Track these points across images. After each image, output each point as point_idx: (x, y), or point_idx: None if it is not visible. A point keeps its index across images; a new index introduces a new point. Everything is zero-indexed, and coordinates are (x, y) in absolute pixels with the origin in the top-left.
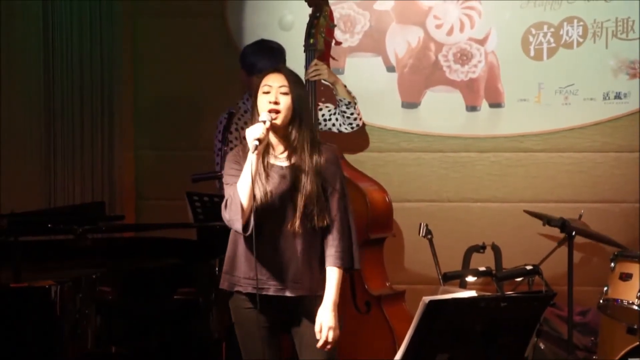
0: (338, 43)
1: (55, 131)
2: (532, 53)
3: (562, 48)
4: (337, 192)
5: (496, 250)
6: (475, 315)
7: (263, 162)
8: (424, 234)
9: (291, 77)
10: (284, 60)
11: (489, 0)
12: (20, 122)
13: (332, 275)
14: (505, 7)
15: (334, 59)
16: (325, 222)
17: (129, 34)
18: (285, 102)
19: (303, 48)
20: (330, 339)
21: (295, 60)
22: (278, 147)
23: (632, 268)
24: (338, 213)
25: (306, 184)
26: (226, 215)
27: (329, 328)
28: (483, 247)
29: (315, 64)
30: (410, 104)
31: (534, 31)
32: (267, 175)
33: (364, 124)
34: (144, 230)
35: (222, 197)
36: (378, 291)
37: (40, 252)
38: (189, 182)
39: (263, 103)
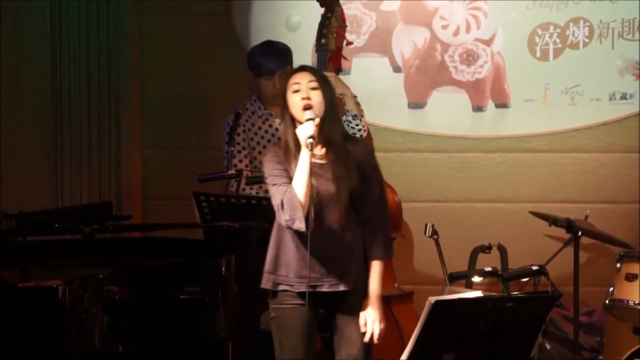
0: (349, 43)
1: (62, 130)
2: (538, 53)
3: (568, 48)
4: (376, 183)
5: (502, 250)
6: (481, 315)
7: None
8: (430, 234)
9: (317, 72)
10: (291, 62)
11: (495, 0)
12: (28, 121)
13: (376, 267)
14: (511, 8)
15: (345, 59)
16: (367, 213)
17: (136, 34)
18: (316, 96)
19: (311, 49)
20: (377, 332)
21: (302, 61)
22: (316, 146)
23: (638, 268)
24: (378, 204)
25: (347, 177)
26: (285, 215)
27: (374, 321)
28: (489, 248)
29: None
30: (416, 104)
31: (540, 32)
32: (311, 175)
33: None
34: (151, 230)
35: (228, 197)
36: (387, 291)
37: (48, 252)
38: (195, 182)
39: (295, 101)
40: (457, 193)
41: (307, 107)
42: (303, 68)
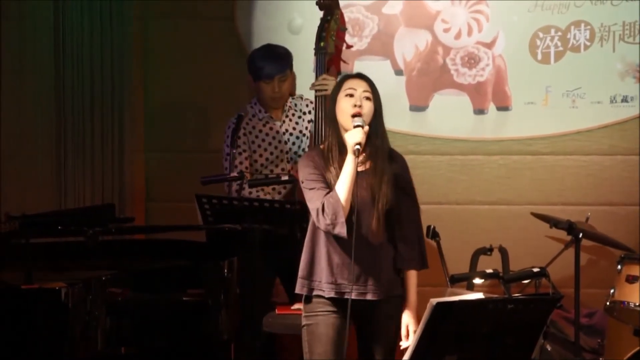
0: (349, 46)
1: (65, 133)
2: (539, 56)
3: (570, 51)
4: (411, 198)
5: (503, 252)
6: (482, 317)
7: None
8: (431, 236)
9: (372, 84)
10: (291, 66)
11: (497, 3)
12: (31, 124)
13: (413, 278)
14: (512, 11)
15: (344, 62)
16: (402, 225)
17: (139, 37)
18: (368, 107)
19: (313, 52)
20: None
21: (304, 64)
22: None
23: (639, 270)
24: (413, 218)
25: (386, 189)
26: (326, 220)
27: (415, 331)
28: (490, 250)
29: (324, 79)
30: (418, 107)
31: (541, 35)
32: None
33: None
34: (154, 232)
35: (230, 199)
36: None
37: (51, 254)
38: (198, 184)
39: (346, 106)
40: (458, 195)
41: (357, 114)
42: (360, 76)
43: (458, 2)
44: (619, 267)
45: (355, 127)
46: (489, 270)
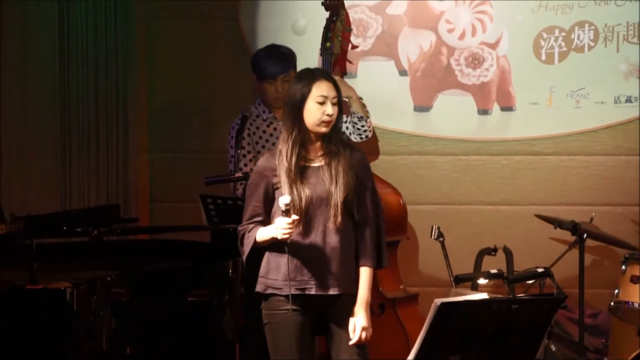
0: (354, 47)
1: (70, 133)
2: (543, 57)
3: (573, 52)
4: (369, 190)
5: (507, 253)
6: (486, 317)
7: (298, 166)
8: (435, 237)
9: (337, 86)
10: (295, 66)
11: (501, 4)
12: (36, 124)
13: (365, 274)
14: (516, 12)
15: (350, 62)
16: (361, 216)
17: (144, 37)
18: (335, 111)
19: (317, 52)
20: (363, 339)
21: (308, 65)
22: (315, 151)
23: None
24: (371, 210)
25: (343, 179)
26: (240, 245)
27: (363, 328)
28: (494, 250)
29: None
30: (422, 107)
31: (545, 35)
32: (303, 180)
33: (373, 134)
34: (158, 232)
35: (235, 199)
36: (392, 294)
37: (55, 254)
38: (202, 184)
39: (317, 112)
40: (462, 196)
41: (325, 124)
42: (327, 78)
43: (462, 3)
44: (623, 267)
45: (284, 209)
46: (494, 271)
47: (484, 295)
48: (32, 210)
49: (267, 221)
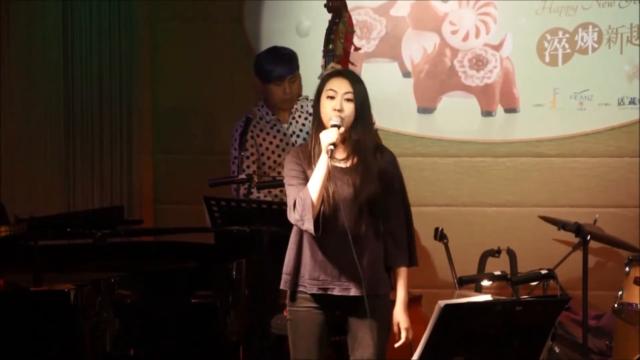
0: (357, 49)
1: (74, 135)
2: (547, 59)
3: (577, 54)
4: (399, 193)
5: (511, 254)
6: (490, 319)
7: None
8: (439, 238)
9: (355, 82)
10: (298, 67)
11: (505, 5)
12: (40, 126)
13: (403, 275)
14: (520, 13)
15: (352, 64)
16: (388, 222)
17: (148, 39)
18: (349, 108)
19: (320, 54)
20: (409, 339)
21: (312, 66)
22: (339, 150)
23: None
24: (402, 213)
25: (369, 184)
26: (295, 215)
27: (407, 329)
28: (498, 252)
29: None
30: (425, 109)
31: (549, 37)
32: (330, 178)
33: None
34: (162, 234)
35: (239, 201)
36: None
37: (59, 256)
38: (206, 186)
39: (328, 108)
40: (466, 197)
41: (337, 110)
42: (342, 74)
43: (466, 4)
44: (627, 269)
45: (332, 126)
46: (497, 272)
47: (487, 297)
48: (36, 212)
49: None
